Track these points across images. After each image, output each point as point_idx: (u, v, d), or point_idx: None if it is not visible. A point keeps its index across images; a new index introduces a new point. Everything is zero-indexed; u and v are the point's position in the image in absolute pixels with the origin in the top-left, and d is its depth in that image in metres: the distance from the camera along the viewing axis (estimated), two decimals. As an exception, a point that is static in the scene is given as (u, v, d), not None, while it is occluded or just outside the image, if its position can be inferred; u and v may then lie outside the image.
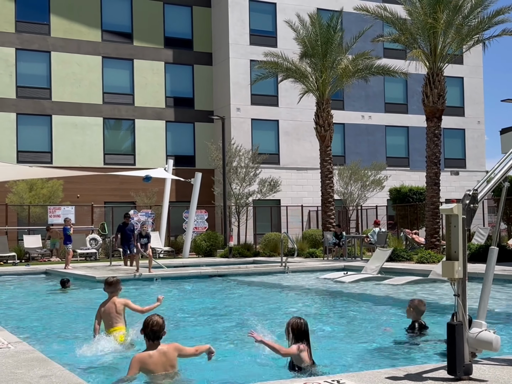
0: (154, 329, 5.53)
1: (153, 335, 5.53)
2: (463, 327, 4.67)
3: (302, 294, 13.60)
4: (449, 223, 4.76)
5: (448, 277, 4.76)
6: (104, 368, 6.58)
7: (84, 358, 6.82)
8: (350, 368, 6.23)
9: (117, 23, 33.52)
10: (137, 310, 7.73)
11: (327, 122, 25.02)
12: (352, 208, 31.72)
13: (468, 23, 21.72)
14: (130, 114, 33.37)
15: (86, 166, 30.92)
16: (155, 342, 5.56)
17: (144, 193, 29.37)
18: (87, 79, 32.44)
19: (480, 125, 39.63)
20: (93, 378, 6.05)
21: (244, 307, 11.67)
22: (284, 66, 25.57)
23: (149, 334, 5.54)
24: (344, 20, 30.12)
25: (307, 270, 18.11)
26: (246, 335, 5.94)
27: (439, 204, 20.91)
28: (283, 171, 33.79)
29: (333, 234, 22.31)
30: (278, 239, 24.47)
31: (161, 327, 5.58)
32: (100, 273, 16.78)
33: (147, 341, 5.60)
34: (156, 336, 5.55)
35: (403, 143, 37.85)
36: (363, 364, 6.42)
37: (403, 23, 22.28)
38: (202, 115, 34.15)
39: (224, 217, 26.57)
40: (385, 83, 36.39)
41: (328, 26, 24.94)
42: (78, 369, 6.26)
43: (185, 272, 17.68)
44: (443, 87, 21.57)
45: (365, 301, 12.11)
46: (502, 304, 10.88)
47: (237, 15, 33.98)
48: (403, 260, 19.66)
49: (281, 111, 34.68)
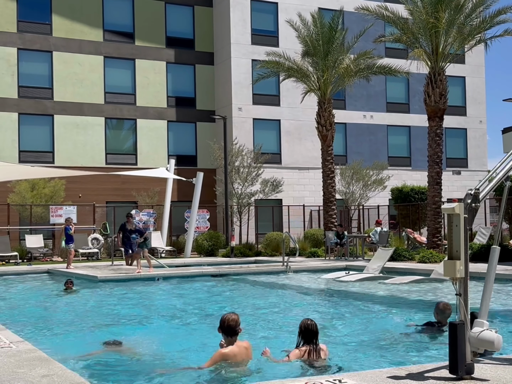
0: (231, 325, 5.91)
1: (230, 331, 5.93)
2: (464, 327, 4.67)
3: (304, 294, 13.60)
4: (451, 222, 4.75)
5: (449, 277, 4.76)
6: (105, 367, 6.59)
7: (86, 357, 6.83)
8: (354, 367, 6.23)
9: (119, 23, 33.54)
10: None
11: (329, 122, 25.01)
12: (354, 207, 31.71)
13: (469, 23, 21.69)
14: (132, 114, 33.39)
15: (88, 166, 30.93)
16: (233, 337, 5.94)
17: (146, 192, 29.40)
18: (88, 79, 32.47)
19: (482, 125, 39.59)
20: (94, 377, 6.05)
21: (245, 307, 11.67)
22: (286, 66, 25.57)
23: (227, 331, 5.93)
24: (346, 20, 30.11)
25: (308, 270, 18.11)
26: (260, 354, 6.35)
27: (441, 204, 20.89)
28: (285, 171, 33.78)
29: (335, 234, 22.30)
30: (280, 238, 24.47)
31: (237, 323, 5.97)
32: (102, 272, 16.79)
33: (225, 337, 5.97)
34: (234, 332, 5.94)
35: (405, 142, 37.83)
36: (368, 363, 6.41)
37: (404, 23, 22.26)
38: (204, 115, 34.16)
39: (226, 216, 26.57)
40: (387, 82, 36.37)
41: (330, 26, 24.92)
42: (80, 369, 6.27)
43: (187, 271, 17.69)
44: (445, 86, 21.55)
45: (367, 301, 12.10)
46: (504, 304, 10.87)
47: (238, 14, 33.98)
48: (405, 259, 19.65)
49: (282, 110, 34.68)
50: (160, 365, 6.70)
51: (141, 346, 7.67)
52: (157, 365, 6.70)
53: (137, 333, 8.73)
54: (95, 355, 6.91)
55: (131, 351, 7.27)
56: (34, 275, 18.30)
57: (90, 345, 7.38)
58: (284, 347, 7.45)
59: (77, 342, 7.80)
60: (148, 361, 6.90)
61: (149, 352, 7.31)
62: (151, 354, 7.24)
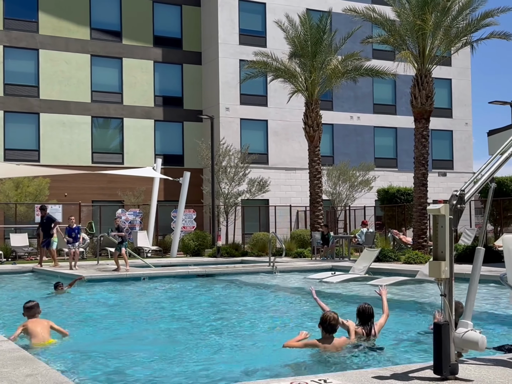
0: (332, 324, 6.54)
1: (331, 328, 6.55)
2: (449, 327, 4.70)
3: (290, 294, 13.62)
4: (436, 223, 4.78)
5: (435, 277, 4.78)
6: (88, 367, 6.56)
7: (69, 357, 6.79)
8: (339, 367, 6.24)
9: (106, 21, 33.39)
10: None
11: (316, 123, 25.07)
12: (340, 208, 31.80)
13: (456, 25, 21.82)
14: (119, 113, 33.25)
15: (74, 164, 30.75)
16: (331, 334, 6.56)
17: (132, 192, 29.29)
18: (75, 77, 32.29)
19: (468, 127, 39.88)
20: (78, 377, 6.03)
21: (231, 307, 11.66)
22: (274, 66, 25.58)
23: (327, 328, 6.53)
24: (334, 21, 30.14)
25: (295, 270, 18.13)
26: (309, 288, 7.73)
27: (427, 205, 20.99)
28: (272, 171, 33.81)
29: (320, 234, 22.35)
30: (266, 239, 24.48)
31: (337, 321, 6.63)
32: (87, 272, 16.71)
33: (324, 333, 6.59)
34: (334, 329, 6.59)
35: (391, 144, 38.00)
36: (357, 362, 6.43)
37: (391, 25, 22.34)
38: (191, 114, 34.10)
39: (212, 216, 26.55)
40: (374, 84, 36.51)
41: (318, 27, 24.97)
42: (64, 368, 6.24)
43: (173, 271, 17.65)
44: (431, 88, 21.67)
45: (352, 301, 12.13)
46: (488, 305, 10.95)
47: (226, 14, 33.96)
48: (390, 260, 19.74)
49: (270, 111, 34.70)
50: (138, 363, 6.69)
51: (116, 345, 7.65)
52: (137, 363, 6.68)
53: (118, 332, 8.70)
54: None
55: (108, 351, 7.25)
56: (18, 274, 18.18)
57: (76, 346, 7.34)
58: (272, 346, 7.48)
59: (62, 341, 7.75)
60: (126, 362, 6.88)
61: (129, 353, 7.29)
62: (130, 354, 7.21)
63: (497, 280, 13.51)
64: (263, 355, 7.17)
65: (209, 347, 7.60)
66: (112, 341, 7.91)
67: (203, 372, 6.33)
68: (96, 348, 7.43)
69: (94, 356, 7.03)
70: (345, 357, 6.55)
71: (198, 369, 6.44)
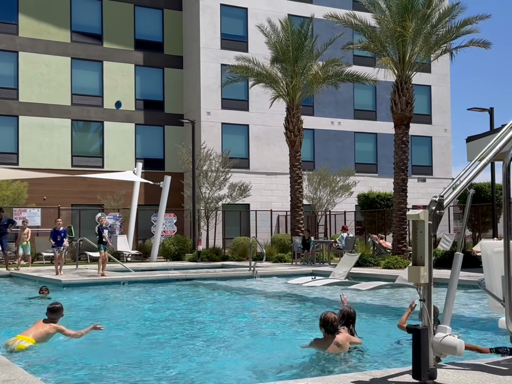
0: (334, 324, 6.65)
1: (333, 329, 6.65)
2: (428, 332, 4.73)
3: (270, 299, 13.61)
4: (415, 229, 4.81)
5: (414, 282, 4.81)
6: (66, 372, 6.50)
7: (47, 362, 6.72)
8: (318, 372, 6.26)
9: (87, 24, 33.21)
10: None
11: (297, 128, 25.15)
12: (321, 213, 31.90)
13: (436, 32, 22.05)
14: (99, 116, 33.06)
15: (53, 168, 30.50)
16: (332, 335, 6.64)
17: (112, 196, 29.10)
18: (55, 80, 32.05)
19: (447, 133, 40.27)
20: (55, 382, 5.96)
21: (211, 311, 11.62)
22: (255, 71, 25.64)
23: (329, 329, 6.65)
24: (315, 27, 30.29)
25: (275, 275, 18.14)
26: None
27: (406, 210, 21.15)
28: (253, 176, 33.82)
29: (301, 239, 22.39)
30: (247, 243, 24.45)
31: (338, 322, 6.75)
32: (66, 276, 16.56)
33: (326, 334, 6.69)
34: (335, 329, 6.68)
35: (372, 149, 38.24)
36: (333, 367, 6.45)
37: (372, 31, 22.51)
38: (172, 118, 34.01)
39: (193, 221, 26.47)
40: (355, 89, 36.74)
41: (299, 32, 25.08)
42: (42, 373, 6.17)
43: (153, 276, 17.55)
44: (411, 94, 21.86)
45: (332, 306, 12.16)
46: (467, 309, 11.05)
47: (208, 19, 33.96)
48: (370, 265, 19.83)
49: (251, 115, 34.74)
50: (116, 368, 6.64)
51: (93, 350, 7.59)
52: (114, 368, 6.64)
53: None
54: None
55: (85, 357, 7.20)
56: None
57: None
58: (249, 351, 7.47)
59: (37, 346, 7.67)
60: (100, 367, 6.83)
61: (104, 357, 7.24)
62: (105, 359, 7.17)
63: (475, 285, 13.65)
64: (243, 359, 7.16)
65: (187, 352, 7.57)
66: (90, 346, 7.84)
67: (180, 376, 6.31)
68: (74, 353, 7.36)
69: (72, 361, 6.97)
70: (328, 361, 6.57)
71: (174, 374, 6.41)
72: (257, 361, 6.96)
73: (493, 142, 5.26)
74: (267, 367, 6.55)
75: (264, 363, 6.77)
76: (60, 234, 18.03)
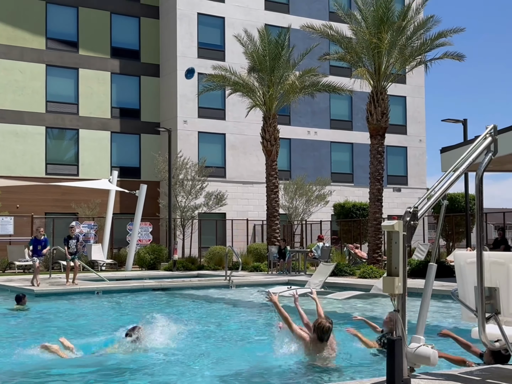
0: (329, 333, 6.78)
1: (327, 337, 6.79)
2: (402, 342, 4.74)
3: (245, 308, 13.57)
4: (390, 239, 4.83)
5: (388, 293, 4.82)
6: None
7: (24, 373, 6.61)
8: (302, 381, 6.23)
9: (63, 31, 32.96)
10: None
11: (274, 137, 25.21)
12: (297, 222, 31.96)
13: (411, 44, 22.31)
14: (74, 124, 32.77)
15: (27, 175, 30.12)
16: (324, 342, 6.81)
17: (87, 204, 28.82)
18: (30, 87, 31.73)
19: (422, 144, 40.71)
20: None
21: (187, 321, 11.53)
22: (232, 80, 25.67)
23: (322, 337, 6.76)
24: (292, 37, 30.45)
25: (251, 284, 18.10)
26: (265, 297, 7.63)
27: (382, 220, 21.30)
28: (229, 185, 33.79)
29: (277, 249, 22.39)
30: (223, 252, 24.39)
31: (331, 330, 6.88)
32: (39, 286, 16.31)
33: (318, 341, 6.81)
34: (328, 337, 6.81)
35: (348, 159, 38.47)
36: (317, 378, 6.43)
37: (348, 42, 22.70)
38: (149, 126, 33.86)
39: (169, 229, 26.33)
40: (331, 100, 36.97)
41: (276, 42, 25.19)
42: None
43: (128, 285, 17.40)
44: (387, 105, 22.06)
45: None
46: (440, 319, 11.12)
47: (185, 27, 33.95)
48: (346, 275, 19.90)
49: (228, 124, 34.74)
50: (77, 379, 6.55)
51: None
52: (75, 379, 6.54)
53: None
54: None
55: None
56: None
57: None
58: (226, 359, 7.43)
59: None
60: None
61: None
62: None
63: (449, 294, 13.76)
64: (215, 368, 7.10)
65: (159, 362, 7.50)
66: (54, 359, 7.71)
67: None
68: (35, 364, 7.23)
69: (33, 372, 6.85)
70: (300, 371, 6.55)
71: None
72: (228, 370, 6.91)
73: (467, 153, 5.32)
74: (240, 375, 6.50)
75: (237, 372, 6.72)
76: (41, 243, 17.59)
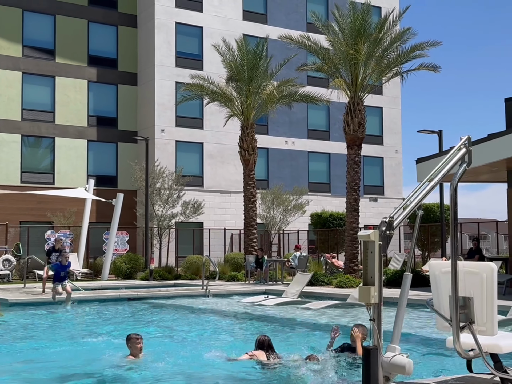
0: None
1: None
2: (377, 352, 4.77)
3: (222, 318, 13.53)
4: (366, 249, 4.87)
5: (364, 302, 4.86)
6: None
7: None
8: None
9: (39, 39, 32.73)
10: None
11: (251, 146, 25.26)
12: (274, 232, 31.99)
13: (387, 56, 22.56)
14: (51, 132, 32.49)
15: (1, 184, 29.72)
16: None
17: (62, 213, 28.52)
18: (5, 95, 31.40)
19: (398, 154, 41.09)
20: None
21: (162, 330, 11.47)
22: (210, 90, 25.69)
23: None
24: (270, 47, 30.62)
25: (228, 294, 18.06)
26: None
27: (358, 230, 21.42)
28: (207, 194, 33.73)
29: (254, 258, 22.38)
30: (200, 262, 24.29)
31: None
32: (13, 295, 16.11)
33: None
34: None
35: (325, 169, 38.66)
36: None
37: (326, 53, 22.88)
38: (126, 135, 33.70)
39: (145, 239, 26.17)
40: (308, 110, 37.17)
41: (254, 52, 25.31)
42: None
43: (104, 295, 17.25)
44: (363, 116, 22.25)
45: (284, 325, 12.17)
46: (415, 329, 11.20)
47: (163, 36, 33.93)
48: (322, 284, 19.95)
49: (206, 134, 34.72)
50: None
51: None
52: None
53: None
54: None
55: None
56: None
57: None
58: (201, 368, 7.40)
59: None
60: None
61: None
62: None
63: (424, 304, 13.87)
64: (189, 377, 7.08)
65: (140, 371, 7.44)
66: (27, 369, 7.61)
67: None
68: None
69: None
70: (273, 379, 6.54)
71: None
72: (201, 379, 6.88)
73: (442, 164, 5.39)
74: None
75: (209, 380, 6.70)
76: (65, 270, 16.03)
